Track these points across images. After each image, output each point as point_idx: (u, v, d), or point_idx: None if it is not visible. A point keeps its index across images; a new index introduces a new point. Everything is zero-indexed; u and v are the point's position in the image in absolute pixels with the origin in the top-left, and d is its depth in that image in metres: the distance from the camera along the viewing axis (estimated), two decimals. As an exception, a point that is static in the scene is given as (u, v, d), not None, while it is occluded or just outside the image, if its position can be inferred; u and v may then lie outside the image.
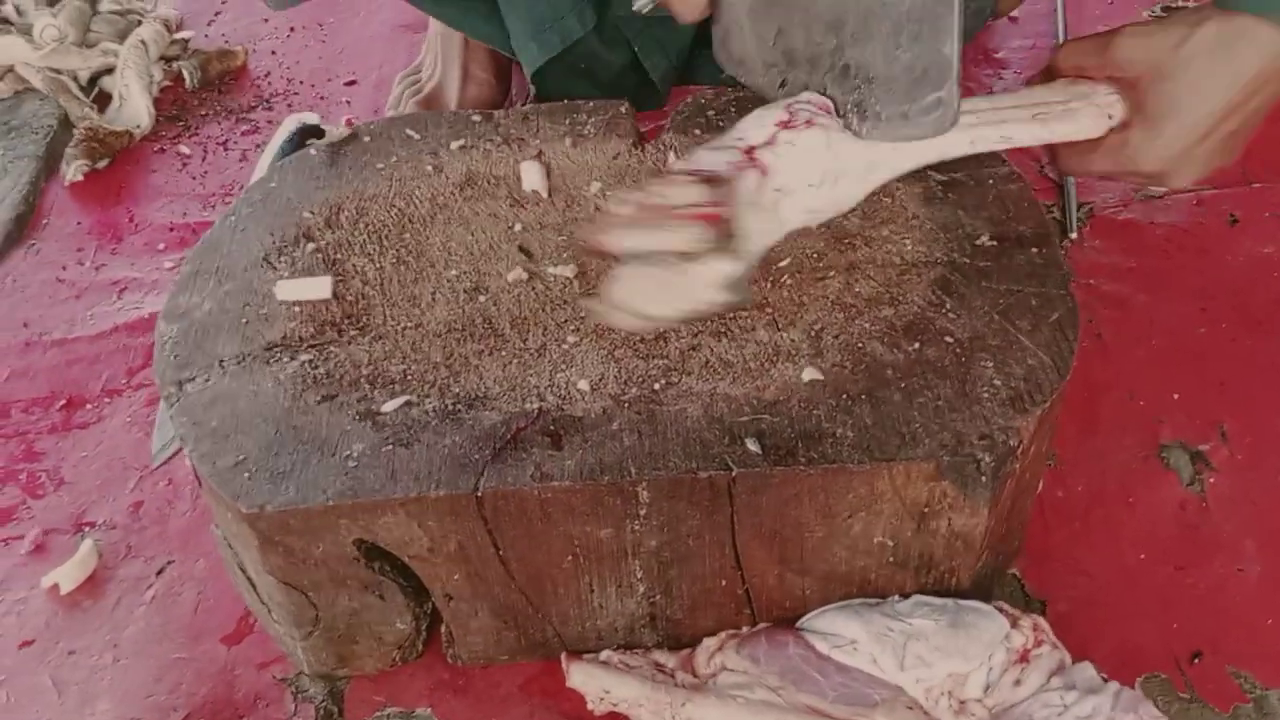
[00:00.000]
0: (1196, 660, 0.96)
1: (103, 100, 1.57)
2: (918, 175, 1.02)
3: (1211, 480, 1.08)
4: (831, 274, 0.96)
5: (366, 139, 1.11)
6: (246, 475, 0.85)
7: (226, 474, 0.85)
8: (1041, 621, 0.91)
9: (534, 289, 0.97)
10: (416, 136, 1.10)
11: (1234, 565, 1.02)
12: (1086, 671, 0.88)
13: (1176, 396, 1.14)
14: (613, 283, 0.80)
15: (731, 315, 0.93)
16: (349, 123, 1.13)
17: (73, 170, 1.45)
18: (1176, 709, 0.93)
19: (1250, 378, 1.15)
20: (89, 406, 1.21)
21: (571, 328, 0.93)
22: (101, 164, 1.48)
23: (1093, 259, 1.26)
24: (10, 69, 1.57)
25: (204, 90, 1.59)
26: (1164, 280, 1.24)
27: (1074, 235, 1.27)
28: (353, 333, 0.94)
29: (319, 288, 0.97)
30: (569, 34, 1.23)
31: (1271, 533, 1.03)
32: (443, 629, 0.95)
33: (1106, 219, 1.31)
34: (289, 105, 1.55)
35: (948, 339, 0.91)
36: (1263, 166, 1.34)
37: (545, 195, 1.05)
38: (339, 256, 1.00)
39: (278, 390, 0.90)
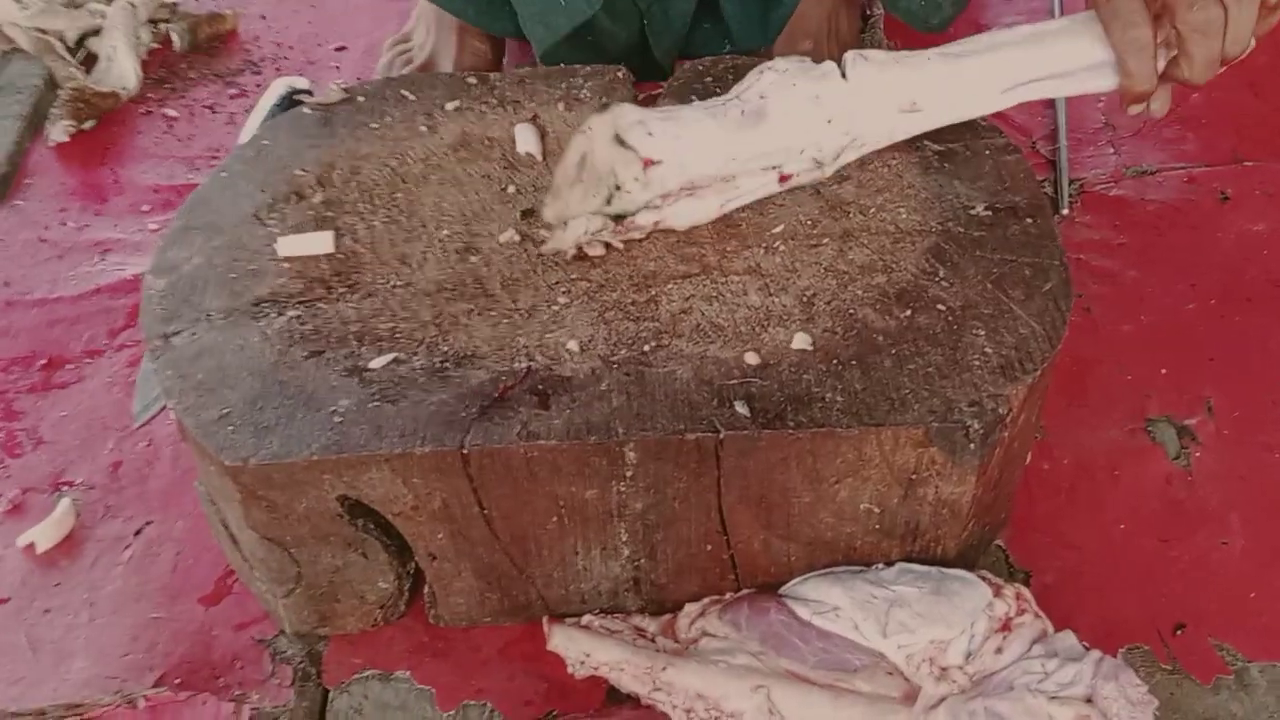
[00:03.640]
0: (1179, 632, 0.96)
1: (89, 61, 1.55)
2: (913, 144, 1.02)
3: (1197, 454, 1.08)
4: (825, 241, 0.96)
5: (361, 99, 1.10)
6: (230, 428, 0.84)
7: (210, 427, 0.84)
8: (1024, 591, 0.91)
9: (525, 250, 0.96)
10: (411, 97, 1.10)
11: (1218, 538, 1.02)
12: (1068, 640, 0.89)
13: (1164, 371, 1.14)
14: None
15: (723, 279, 0.93)
16: (340, 87, 1.12)
17: (58, 130, 1.44)
18: (1159, 679, 0.93)
19: (1238, 354, 1.16)
20: (69, 366, 1.20)
21: (562, 289, 0.93)
22: (87, 125, 1.46)
23: (1083, 234, 1.26)
24: (-4, 28, 1.56)
25: (192, 53, 1.57)
26: (1154, 256, 1.25)
27: (1065, 210, 1.28)
28: (342, 290, 0.93)
29: (321, 242, 0.96)
30: (576, 15, 1.23)
31: (1256, 507, 1.04)
32: (425, 589, 0.95)
33: (1097, 195, 1.31)
34: (277, 70, 1.54)
35: (940, 307, 0.90)
36: (1254, 144, 1.35)
37: (540, 158, 1.04)
38: (330, 214, 0.99)
39: (264, 345, 0.89)
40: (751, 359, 0.87)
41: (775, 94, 0.91)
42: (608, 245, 0.95)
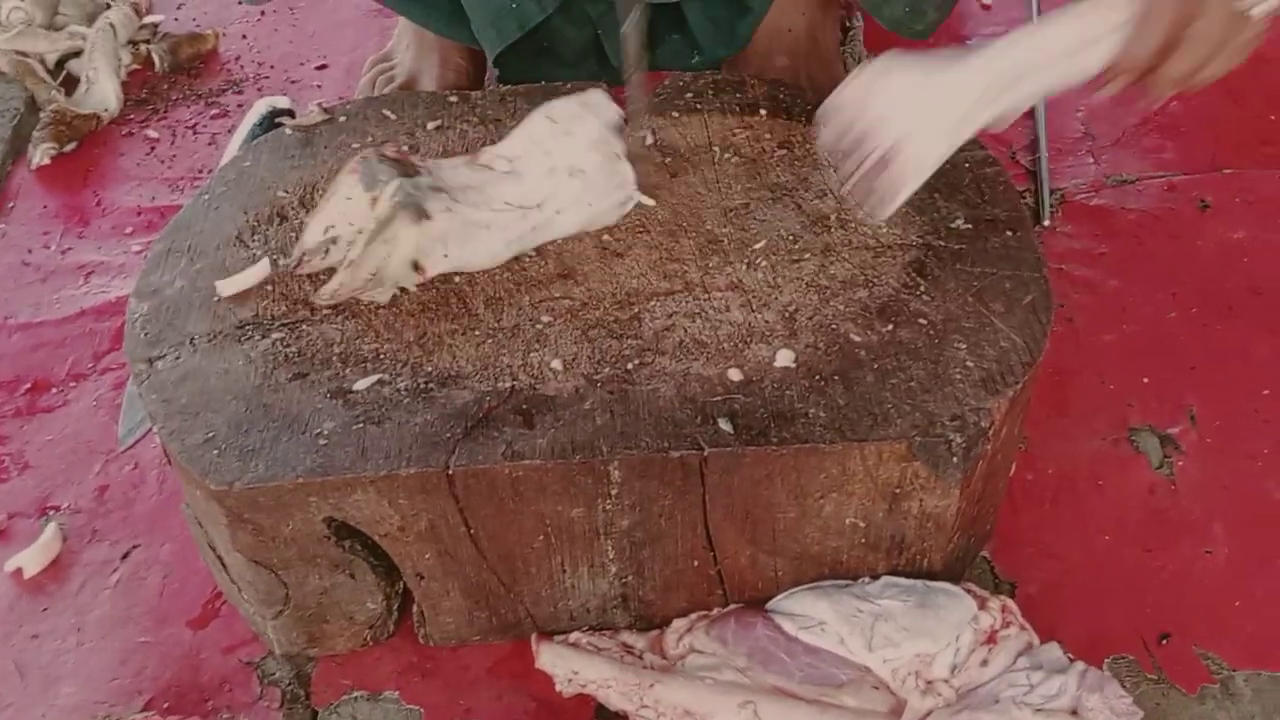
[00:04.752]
0: (1164, 641, 0.97)
1: (70, 84, 1.55)
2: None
3: (1180, 463, 1.08)
4: (807, 256, 0.96)
5: (343, 119, 1.10)
6: (216, 452, 0.84)
7: (195, 451, 0.84)
8: (1010, 603, 0.91)
9: (508, 269, 0.96)
10: (393, 117, 1.10)
11: (1202, 547, 1.03)
12: (1053, 652, 0.89)
13: (1146, 381, 1.15)
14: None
15: (706, 296, 0.93)
16: (321, 107, 1.12)
17: (39, 154, 1.44)
18: (1144, 689, 0.93)
19: (1219, 362, 1.16)
20: (54, 390, 1.20)
21: (546, 308, 0.93)
22: (69, 147, 1.46)
23: (1064, 244, 1.27)
24: (-24, 51, 1.55)
25: (174, 74, 1.57)
26: (1135, 265, 1.25)
27: (1047, 222, 1.28)
28: (325, 311, 0.93)
29: (258, 273, 0.96)
30: (527, 20, 1.23)
31: (1239, 515, 1.04)
32: (414, 609, 0.95)
33: (1078, 205, 1.31)
34: (259, 89, 1.54)
35: (921, 321, 0.91)
36: (1233, 152, 1.36)
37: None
38: (311, 236, 0.99)
39: (249, 368, 0.89)
40: (735, 375, 0.87)
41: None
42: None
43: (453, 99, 1.12)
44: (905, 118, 0.91)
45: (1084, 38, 0.93)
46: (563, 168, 0.95)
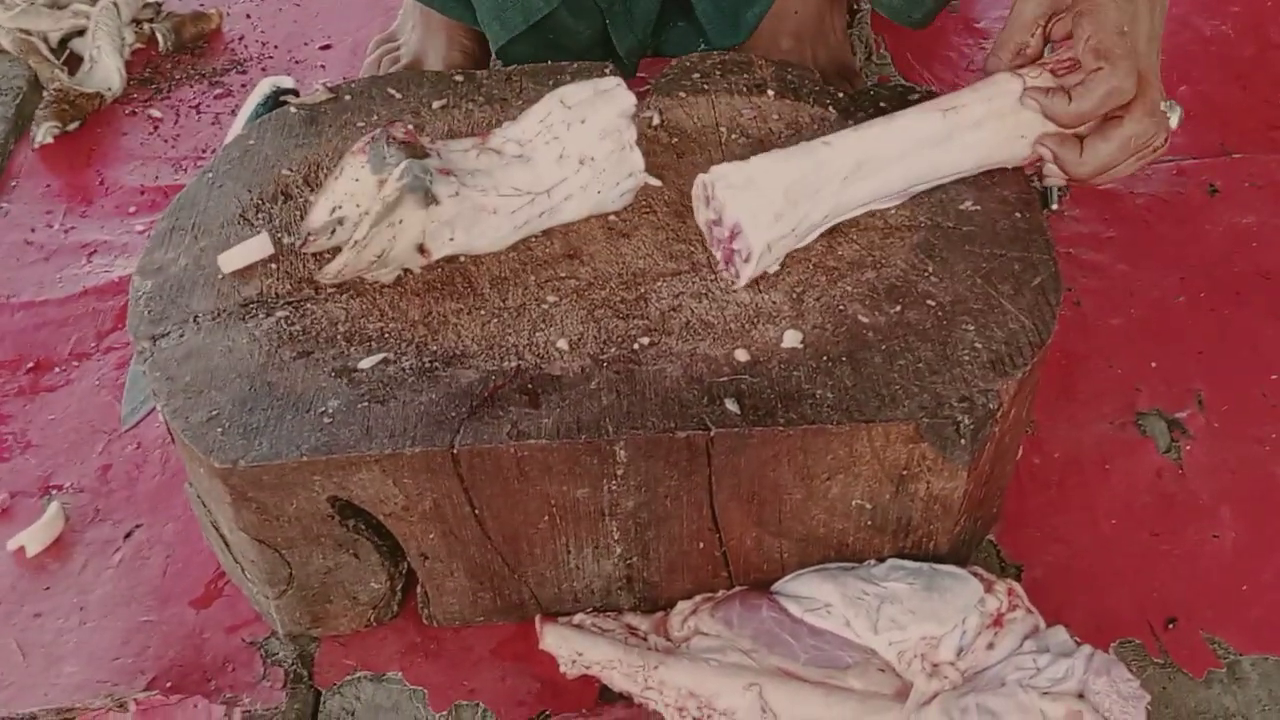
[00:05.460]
0: (1171, 626, 0.97)
1: (73, 62, 1.54)
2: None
3: (1188, 448, 1.08)
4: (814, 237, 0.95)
5: (347, 98, 1.09)
6: (220, 430, 0.84)
7: (199, 429, 0.84)
8: (1016, 586, 0.91)
9: (514, 249, 0.96)
10: (398, 95, 1.09)
11: (1209, 532, 1.02)
12: (1060, 635, 0.89)
13: (1154, 365, 1.14)
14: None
15: (713, 276, 0.93)
16: (326, 86, 1.12)
17: (42, 132, 1.43)
18: (1150, 673, 0.93)
19: (1227, 347, 1.16)
20: (57, 369, 1.20)
21: (552, 288, 0.93)
22: (72, 126, 1.45)
23: (1073, 228, 1.26)
24: (-21, 30, 1.55)
25: (177, 53, 1.56)
26: (1143, 250, 1.25)
27: (1055, 205, 1.27)
28: (330, 290, 0.93)
29: (260, 247, 0.95)
30: (532, 12, 1.22)
31: (1246, 500, 1.04)
32: (418, 589, 0.94)
33: (1087, 189, 1.30)
34: (263, 69, 1.53)
35: (929, 302, 0.90)
36: (1242, 136, 1.35)
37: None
38: (315, 214, 0.99)
39: (253, 346, 0.89)
40: (741, 356, 0.87)
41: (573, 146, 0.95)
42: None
43: (458, 78, 1.11)
44: (741, 203, 0.91)
45: (955, 126, 0.94)
46: (573, 155, 0.95)
